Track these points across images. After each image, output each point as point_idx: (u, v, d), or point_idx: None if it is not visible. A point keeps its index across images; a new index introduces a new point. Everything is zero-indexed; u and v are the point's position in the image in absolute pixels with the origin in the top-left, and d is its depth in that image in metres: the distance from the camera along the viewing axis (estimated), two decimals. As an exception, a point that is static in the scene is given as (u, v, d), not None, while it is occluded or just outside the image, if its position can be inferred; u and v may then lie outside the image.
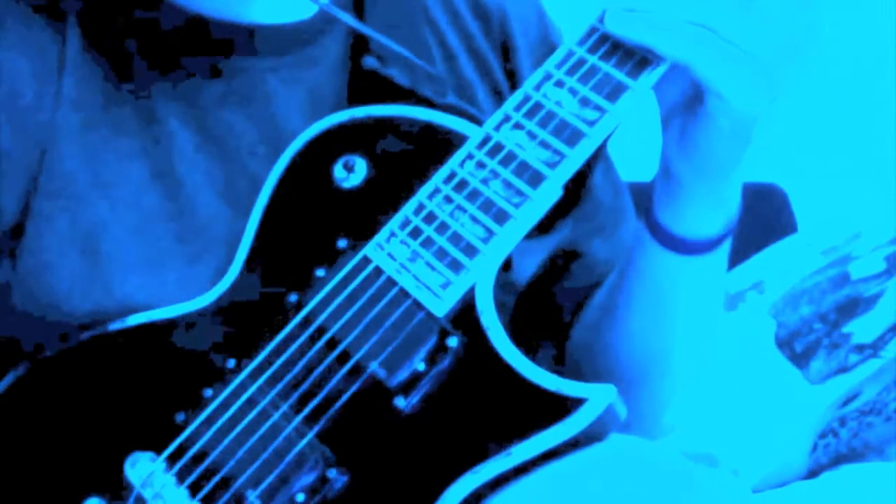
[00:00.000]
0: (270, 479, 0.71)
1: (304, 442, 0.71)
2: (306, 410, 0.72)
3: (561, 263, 0.92)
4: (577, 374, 0.79)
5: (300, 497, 0.70)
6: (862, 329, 1.29)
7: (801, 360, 1.31)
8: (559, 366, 0.93)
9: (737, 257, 1.45)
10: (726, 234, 0.82)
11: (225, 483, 0.71)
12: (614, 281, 0.88)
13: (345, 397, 0.72)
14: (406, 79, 0.84)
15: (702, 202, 0.80)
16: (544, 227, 0.75)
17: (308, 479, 0.71)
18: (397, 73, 0.84)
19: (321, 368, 0.73)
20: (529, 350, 0.73)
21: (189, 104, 0.81)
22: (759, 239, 1.49)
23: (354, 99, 0.84)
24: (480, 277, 0.73)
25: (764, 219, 1.62)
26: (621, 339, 0.87)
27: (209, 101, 0.82)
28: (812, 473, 1.31)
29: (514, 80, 0.93)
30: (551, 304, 0.92)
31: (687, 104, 0.76)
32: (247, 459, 0.72)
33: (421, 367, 0.72)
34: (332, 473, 0.70)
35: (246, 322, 0.76)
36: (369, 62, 0.84)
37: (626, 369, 0.87)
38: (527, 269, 0.79)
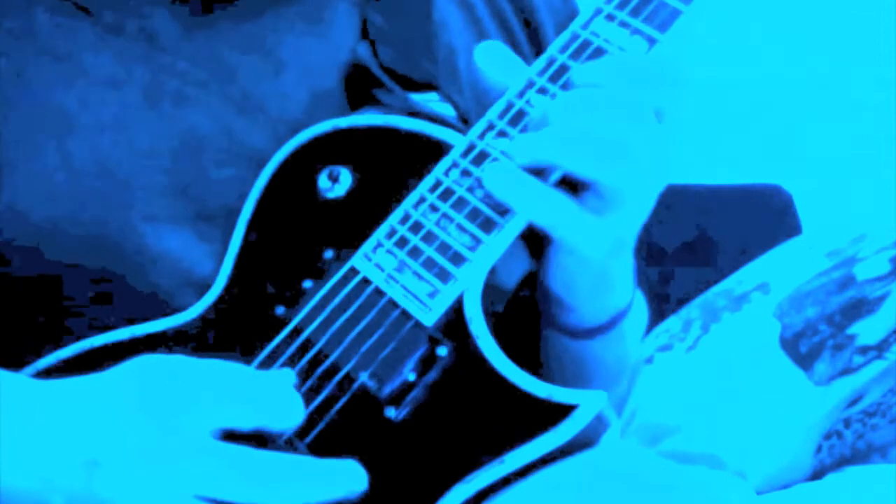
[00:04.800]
0: None
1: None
2: None
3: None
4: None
5: None
6: (867, 331, 1.29)
7: (805, 361, 1.30)
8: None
9: (742, 259, 1.46)
10: (611, 323, 0.83)
11: None
12: None
13: (335, 409, 0.72)
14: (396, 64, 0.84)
15: (579, 309, 0.81)
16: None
17: None
18: (386, 56, 0.84)
19: (311, 381, 0.73)
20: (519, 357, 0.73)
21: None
22: (763, 240, 1.48)
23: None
24: (468, 286, 0.73)
25: (769, 220, 1.62)
26: None
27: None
28: (816, 475, 1.31)
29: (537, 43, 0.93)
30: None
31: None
32: None
33: (411, 377, 0.72)
34: None
35: (232, 336, 0.76)
36: (361, 51, 0.85)
37: None
38: (513, 275, 0.79)
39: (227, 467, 0.66)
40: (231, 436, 0.67)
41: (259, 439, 0.69)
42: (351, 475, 0.68)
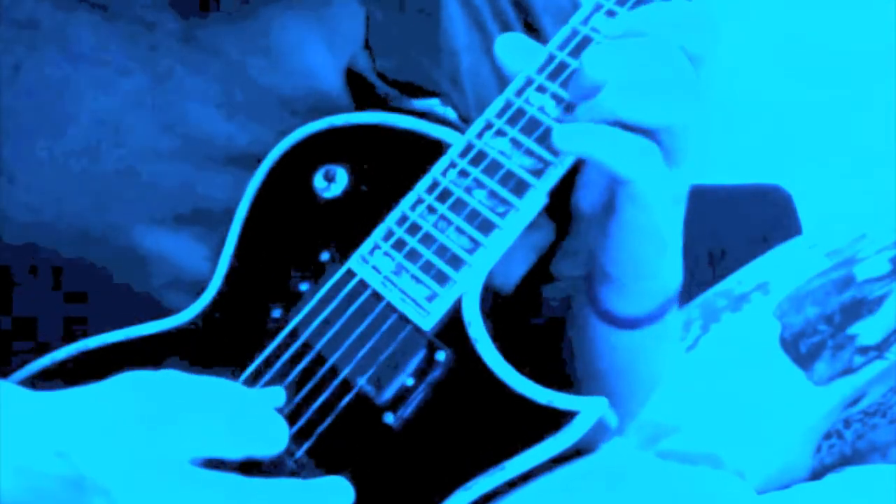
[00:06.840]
0: None
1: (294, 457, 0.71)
2: (295, 428, 0.71)
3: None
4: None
5: None
6: (867, 331, 1.29)
7: (805, 361, 1.31)
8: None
9: (742, 259, 1.46)
10: (663, 309, 0.82)
11: None
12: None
13: (333, 415, 0.71)
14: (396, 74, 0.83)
15: (634, 292, 0.80)
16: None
17: None
18: (387, 61, 0.83)
19: (309, 386, 0.72)
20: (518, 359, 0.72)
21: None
22: (763, 241, 1.49)
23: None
24: (467, 289, 0.72)
25: (768, 221, 1.62)
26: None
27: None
28: (816, 475, 1.31)
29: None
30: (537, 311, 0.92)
31: (605, 210, 0.76)
32: None
33: (409, 382, 0.71)
34: None
35: (229, 339, 0.75)
36: (360, 61, 0.84)
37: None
38: (511, 277, 0.78)
39: (213, 496, 0.65)
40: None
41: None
42: (337, 492, 0.67)
